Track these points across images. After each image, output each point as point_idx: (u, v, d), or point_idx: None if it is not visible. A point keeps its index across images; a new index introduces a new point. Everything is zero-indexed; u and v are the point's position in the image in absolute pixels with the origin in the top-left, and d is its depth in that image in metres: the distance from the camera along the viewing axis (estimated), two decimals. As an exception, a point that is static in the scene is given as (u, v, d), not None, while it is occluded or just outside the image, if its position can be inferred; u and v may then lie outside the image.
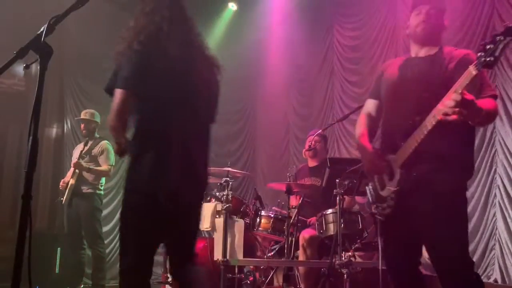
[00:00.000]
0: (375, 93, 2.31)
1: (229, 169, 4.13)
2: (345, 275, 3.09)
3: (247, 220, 3.94)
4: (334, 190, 3.20)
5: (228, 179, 3.77)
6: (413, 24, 2.14)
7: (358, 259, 3.61)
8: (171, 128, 1.93)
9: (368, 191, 2.27)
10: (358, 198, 3.73)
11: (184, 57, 1.96)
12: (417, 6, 2.14)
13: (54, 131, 6.31)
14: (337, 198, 3.22)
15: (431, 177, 1.97)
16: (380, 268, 2.45)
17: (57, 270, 5.08)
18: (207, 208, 3.82)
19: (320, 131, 4.09)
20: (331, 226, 3.47)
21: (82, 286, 4.61)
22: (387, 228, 2.22)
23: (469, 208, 4.41)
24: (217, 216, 3.75)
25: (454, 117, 1.76)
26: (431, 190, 1.97)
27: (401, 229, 2.10)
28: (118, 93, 1.86)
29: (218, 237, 3.61)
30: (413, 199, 2.00)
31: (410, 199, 2.01)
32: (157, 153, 1.88)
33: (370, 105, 2.32)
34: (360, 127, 2.29)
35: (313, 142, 4.03)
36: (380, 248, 2.40)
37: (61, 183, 4.63)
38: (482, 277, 4.13)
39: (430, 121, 1.88)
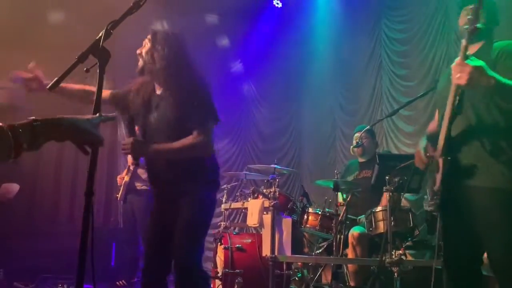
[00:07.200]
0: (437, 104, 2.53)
1: (276, 166, 4.15)
2: (395, 274, 3.03)
3: (294, 217, 3.94)
4: (384, 187, 3.13)
5: (274, 175, 3.79)
6: (460, 24, 2.26)
7: (409, 258, 3.52)
8: None
9: (428, 190, 2.41)
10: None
11: None
12: (465, 5, 2.26)
13: (108, 130, 6.59)
14: (387, 195, 3.16)
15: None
16: (433, 266, 2.40)
17: (112, 263, 5.31)
18: (255, 205, 3.86)
19: (367, 127, 4.00)
20: (381, 224, 3.41)
21: (136, 279, 4.80)
22: (445, 223, 2.28)
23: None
24: (265, 212, 3.78)
25: None
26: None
27: (458, 224, 2.17)
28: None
29: (266, 233, 3.64)
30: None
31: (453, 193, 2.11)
32: None
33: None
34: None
35: (360, 139, 3.94)
36: (436, 246, 2.42)
37: (118, 179, 4.85)
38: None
39: None
